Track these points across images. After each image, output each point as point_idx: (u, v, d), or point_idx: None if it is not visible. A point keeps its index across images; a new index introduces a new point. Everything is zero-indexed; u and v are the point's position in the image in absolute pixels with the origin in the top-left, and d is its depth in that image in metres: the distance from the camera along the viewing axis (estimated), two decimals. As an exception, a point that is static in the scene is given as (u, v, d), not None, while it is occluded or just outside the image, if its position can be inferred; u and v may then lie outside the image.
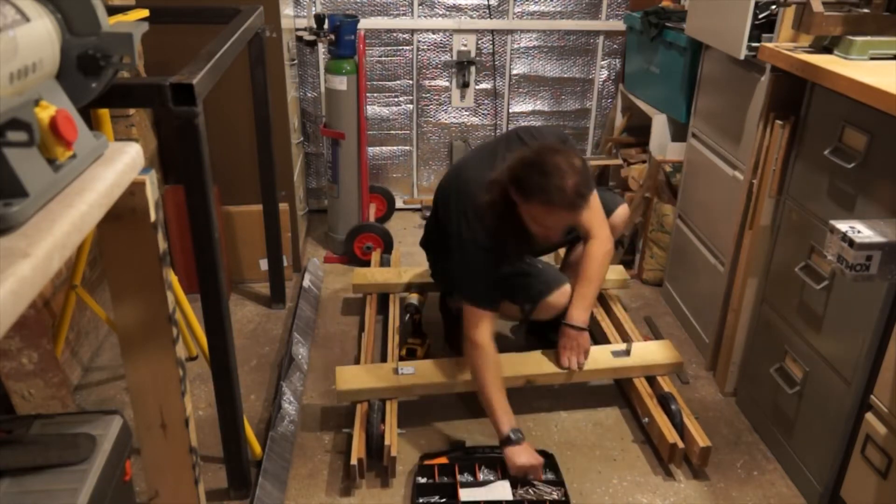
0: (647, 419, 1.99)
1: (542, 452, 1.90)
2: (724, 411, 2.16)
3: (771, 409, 1.97)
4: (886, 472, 1.47)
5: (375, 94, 3.36)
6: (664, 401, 1.99)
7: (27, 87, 0.79)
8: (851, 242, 1.34)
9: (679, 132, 2.68)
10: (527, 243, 1.96)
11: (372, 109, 3.37)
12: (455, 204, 1.92)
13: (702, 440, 1.86)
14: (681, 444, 1.86)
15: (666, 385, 2.05)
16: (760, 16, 1.96)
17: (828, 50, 1.79)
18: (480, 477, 1.82)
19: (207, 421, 2.01)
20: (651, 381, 2.10)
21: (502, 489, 1.77)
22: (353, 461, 1.77)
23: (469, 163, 2.06)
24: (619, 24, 3.29)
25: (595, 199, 2.02)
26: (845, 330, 1.63)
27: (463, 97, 3.40)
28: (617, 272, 2.60)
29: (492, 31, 3.29)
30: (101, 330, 2.40)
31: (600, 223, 2.07)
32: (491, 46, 3.32)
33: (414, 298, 2.46)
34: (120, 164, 0.92)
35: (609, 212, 2.16)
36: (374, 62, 3.29)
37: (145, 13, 1.69)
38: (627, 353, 2.12)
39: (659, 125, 2.74)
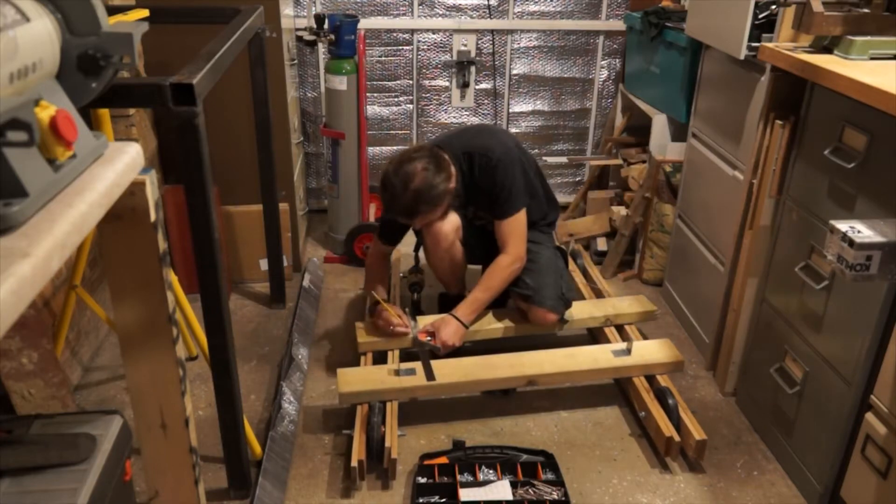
0: (643, 413, 2.01)
1: (542, 452, 1.91)
2: (724, 411, 2.16)
3: (771, 409, 1.97)
4: (886, 472, 1.47)
5: (375, 94, 3.35)
6: (661, 395, 2.00)
7: (27, 87, 0.79)
8: (851, 242, 1.34)
9: (679, 132, 2.68)
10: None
11: (372, 109, 3.37)
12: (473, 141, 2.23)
13: (697, 433, 1.87)
14: (677, 438, 1.87)
15: (663, 380, 2.06)
16: (760, 16, 1.96)
17: (828, 50, 1.79)
18: (480, 477, 1.82)
19: (207, 421, 2.01)
20: (649, 376, 2.11)
21: (502, 489, 1.77)
22: (354, 463, 1.77)
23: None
24: (619, 24, 3.29)
25: (517, 220, 2.18)
26: (845, 330, 1.63)
27: (463, 97, 3.40)
28: (640, 303, 2.42)
29: (492, 31, 3.29)
30: (101, 330, 2.40)
31: (516, 241, 2.18)
32: (491, 46, 3.32)
33: (417, 278, 2.61)
34: (120, 164, 0.92)
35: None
36: (374, 62, 3.29)
37: (145, 13, 1.69)
38: (628, 352, 2.13)
39: (659, 125, 2.74)
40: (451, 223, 2.21)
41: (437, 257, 2.31)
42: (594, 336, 2.42)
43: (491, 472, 1.85)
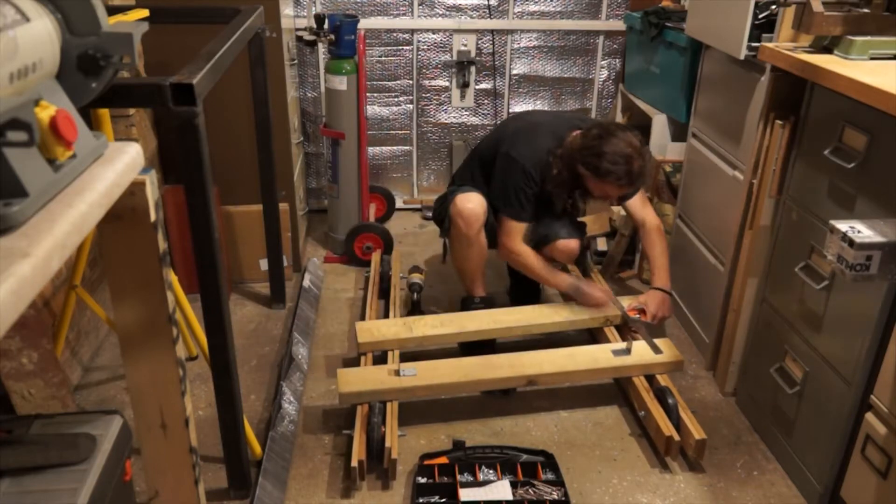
0: (643, 412, 2.01)
1: (542, 452, 1.91)
2: (724, 411, 2.16)
3: (771, 409, 1.97)
4: (886, 472, 1.47)
5: (375, 94, 3.36)
6: (661, 395, 2.00)
7: (27, 87, 0.79)
8: (851, 242, 1.35)
9: (679, 132, 2.68)
10: (567, 201, 2.37)
11: (372, 109, 3.37)
12: (517, 136, 2.29)
13: (697, 433, 1.87)
14: (676, 437, 1.87)
15: (663, 380, 2.07)
16: (760, 16, 1.96)
17: (828, 50, 1.79)
18: (480, 477, 1.82)
19: (207, 421, 2.01)
20: (649, 375, 2.11)
21: (502, 489, 1.77)
22: (354, 463, 1.77)
23: (540, 118, 2.44)
24: (619, 24, 3.29)
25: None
26: (845, 330, 1.63)
27: (463, 97, 3.41)
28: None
29: (492, 31, 3.29)
30: (101, 330, 2.40)
31: (648, 207, 2.40)
32: (491, 46, 3.32)
33: (417, 278, 2.64)
34: (120, 164, 0.92)
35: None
36: (374, 62, 3.29)
37: (145, 13, 1.69)
38: (628, 351, 2.13)
39: (659, 125, 2.74)
40: (481, 205, 2.29)
41: (463, 242, 2.34)
42: (594, 336, 2.42)
43: (491, 472, 1.85)
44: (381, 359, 2.19)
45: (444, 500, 1.77)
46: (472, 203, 2.28)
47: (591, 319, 2.34)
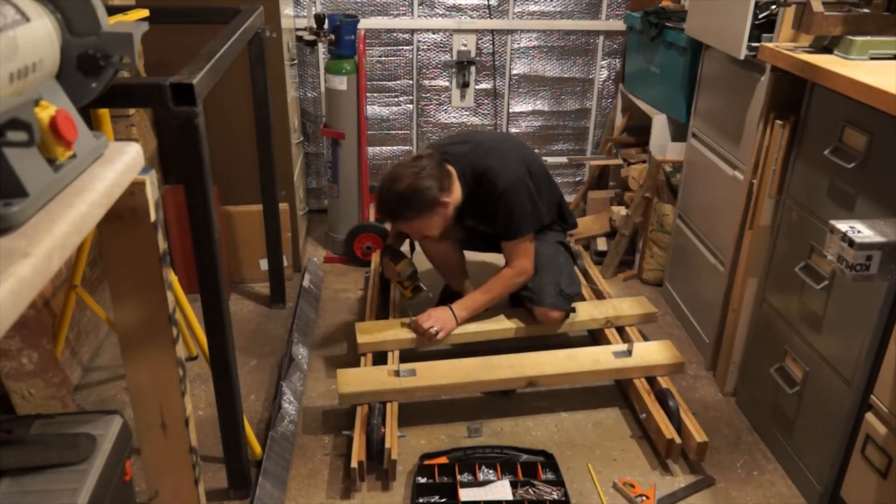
0: (644, 415, 2.01)
1: (542, 452, 1.91)
2: (724, 411, 2.16)
3: (771, 409, 1.97)
4: (886, 472, 1.47)
5: (375, 94, 3.36)
6: (662, 397, 2.00)
7: (27, 87, 0.79)
8: (851, 242, 1.34)
9: (679, 132, 2.68)
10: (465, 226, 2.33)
11: (372, 109, 3.37)
12: (488, 170, 2.18)
13: (699, 435, 1.87)
14: (678, 440, 1.87)
15: (664, 381, 2.06)
16: (760, 16, 1.96)
17: (828, 50, 1.79)
18: (480, 477, 1.82)
19: (207, 421, 2.01)
20: (650, 377, 2.10)
21: (502, 489, 1.77)
22: (354, 464, 1.77)
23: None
24: (619, 24, 3.29)
25: (523, 242, 2.20)
26: (845, 330, 1.63)
27: (463, 97, 3.40)
28: (641, 305, 2.40)
29: (492, 31, 3.29)
30: (101, 330, 2.40)
31: (521, 259, 2.21)
32: (491, 46, 3.32)
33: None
34: (120, 164, 0.92)
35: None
36: (374, 62, 3.29)
37: (145, 13, 1.69)
38: (629, 353, 2.12)
39: (659, 125, 2.74)
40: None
41: (428, 253, 2.44)
42: (595, 337, 2.42)
43: (491, 472, 1.85)
44: (380, 359, 2.19)
45: (444, 500, 1.77)
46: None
47: (591, 321, 2.34)
